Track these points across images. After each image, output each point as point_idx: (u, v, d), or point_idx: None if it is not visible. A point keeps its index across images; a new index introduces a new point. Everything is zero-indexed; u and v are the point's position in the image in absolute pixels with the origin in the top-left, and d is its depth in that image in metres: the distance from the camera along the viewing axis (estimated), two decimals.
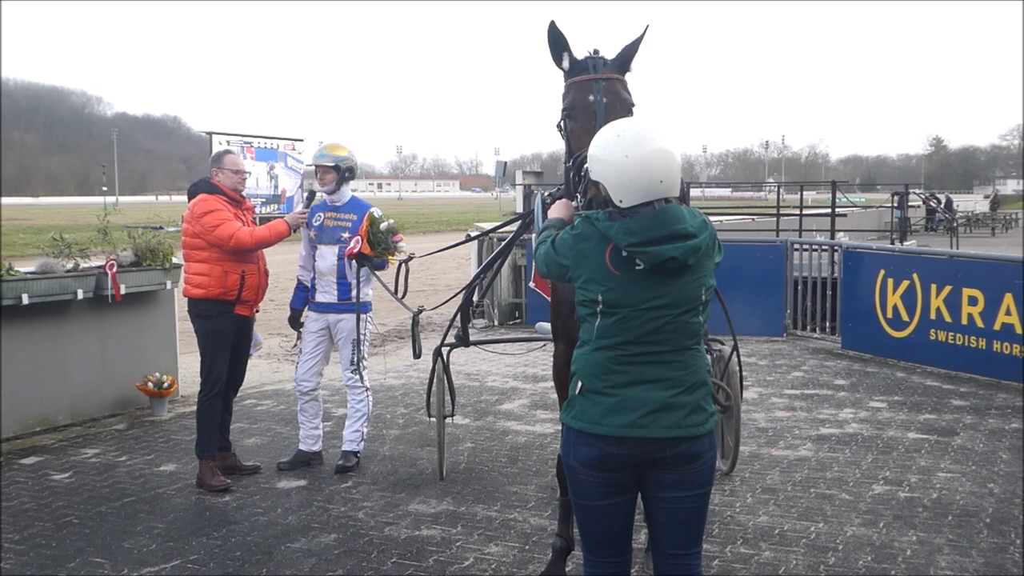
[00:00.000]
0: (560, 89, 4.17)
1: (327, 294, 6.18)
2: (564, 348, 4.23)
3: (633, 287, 2.99)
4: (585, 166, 3.43)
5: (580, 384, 3.09)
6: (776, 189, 21.62)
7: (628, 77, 4.11)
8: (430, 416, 6.49)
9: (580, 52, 4.09)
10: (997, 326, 8.70)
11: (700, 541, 3.19)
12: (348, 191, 6.26)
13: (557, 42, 4.07)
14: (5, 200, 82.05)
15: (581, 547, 3.27)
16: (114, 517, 5.41)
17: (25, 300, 6.76)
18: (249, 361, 6.47)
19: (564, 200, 3.64)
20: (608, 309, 3.01)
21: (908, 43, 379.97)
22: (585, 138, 3.50)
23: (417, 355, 6.29)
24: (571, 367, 3.18)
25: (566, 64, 4.08)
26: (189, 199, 6.02)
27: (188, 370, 8.34)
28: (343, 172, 6.15)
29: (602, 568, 3.18)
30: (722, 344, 5.92)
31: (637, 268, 2.98)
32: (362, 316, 6.13)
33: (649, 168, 2.97)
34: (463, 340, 6.29)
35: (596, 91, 3.93)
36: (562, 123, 4.10)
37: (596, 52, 4.08)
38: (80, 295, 7.12)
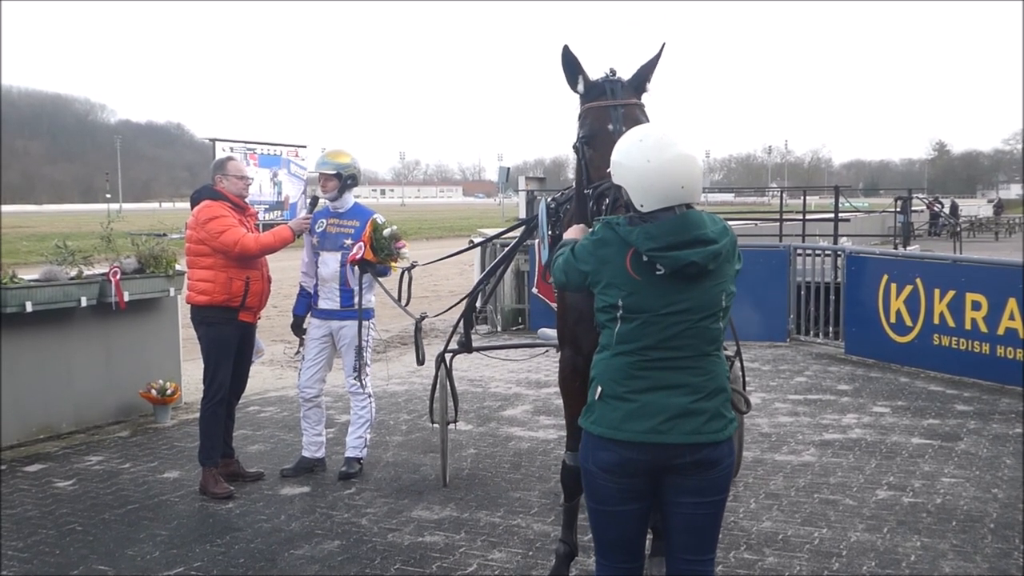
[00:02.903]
0: (567, 101, 4.14)
1: (330, 301, 6.18)
2: (571, 354, 4.22)
3: (653, 292, 2.99)
4: (607, 200, 3.43)
5: (600, 389, 3.08)
6: (779, 194, 21.64)
7: (645, 97, 4.06)
8: (433, 422, 6.49)
9: (595, 72, 4.02)
10: (1001, 331, 8.69)
11: (715, 547, 3.20)
12: (351, 198, 6.27)
13: (571, 66, 4.01)
14: (9, 208, 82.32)
15: (594, 551, 3.27)
16: (117, 524, 5.41)
17: (29, 308, 6.77)
18: (252, 368, 6.49)
19: (580, 225, 3.64)
20: (628, 314, 3.01)
21: (911, 47, 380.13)
22: (604, 168, 3.46)
23: (420, 362, 6.29)
24: (590, 372, 3.17)
25: (581, 88, 4.03)
26: (192, 206, 6.03)
27: (191, 377, 8.34)
28: (345, 179, 6.15)
29: (615, 572, 3.20)
30: (725, 349, 5.90)
31: (657, 273, 2.98)
32: (365, 323, 6.13)
33: (670, 173, 2.97)
34: (466, 346, 6.29)
35: (615, 119, 3.87)
36: (579, 148, 4.02)
37: (613, 72, 4.04)
38: (84, 302, 7.13)
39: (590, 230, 3.28)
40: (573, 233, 3.52)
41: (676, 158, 2.99)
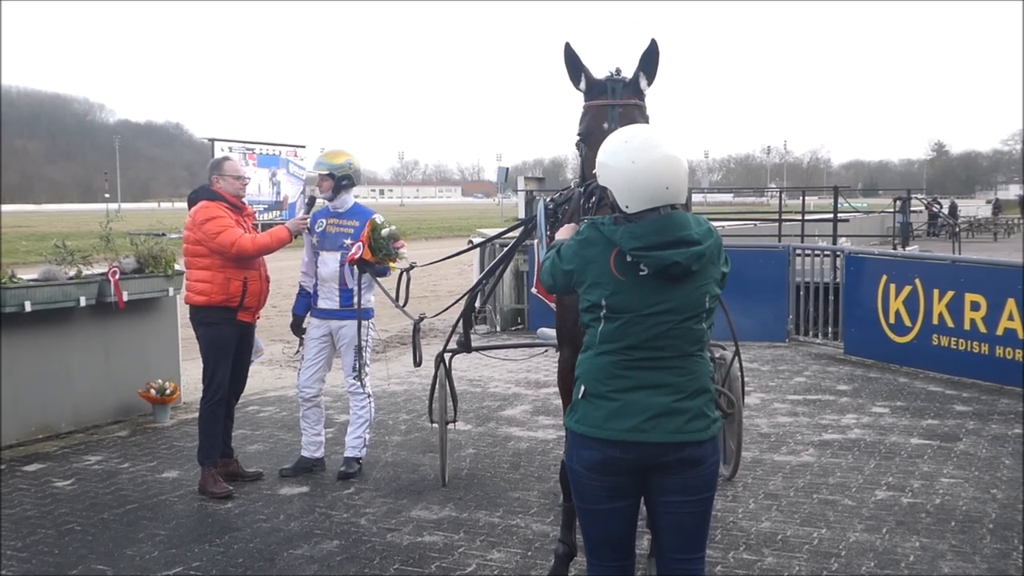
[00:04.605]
0: (567, 100, 4.16)
1: (329, 300, 6.18)
2: (569, 354, 4.22)
3: (637, 292, 3.01)
4: (593, 199, 3.44)
5: (583, 388, 3.11)
6: (778, 194, 21.64)
7: (650, 93, 4.07)
8: (432, 422, 6.49)
9: (599, 71, 4.05)
10: (999, 331, 8.69)
11: (704, 545, 3.21)
12: (351, 198, 6.27)
13: (573, 64, 4.05)
14: (8, 208, 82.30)
15: (584, 550, 3.28)
16: (116, 524, 5.41)
17: (28, 307, 6.77)
18: (251, 367, 6.48)
19: (572, 224, 3.66)
20: (612, 314, 3.03)
21: (910, 48, 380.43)
22: None
23: (417, 363, 6.30)
24: (575, 372, 3.19)
25: (583, 86, 4.06)
26: (190, 206, 6.03)
27: (190, 377, 8.34)
28: (339, 180, 6.15)
29: (605, 571, 3.21)
30: (724, 349, 5.92)
31: (641, 273, 3.00)
32: (364, 322, 6.13)
33: (656, 174, 2.99)
34: (465, 346, 6.29)
35: (611, 118, 3.90)
36: (578, 146, 4.08)
37: (618, 72, 4.05)
38: (83, 302, 7.12)
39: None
40: (564, 233, 3.53)
41: (661, 159, 3.00)
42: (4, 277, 6.80)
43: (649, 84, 4.06)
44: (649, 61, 4.02)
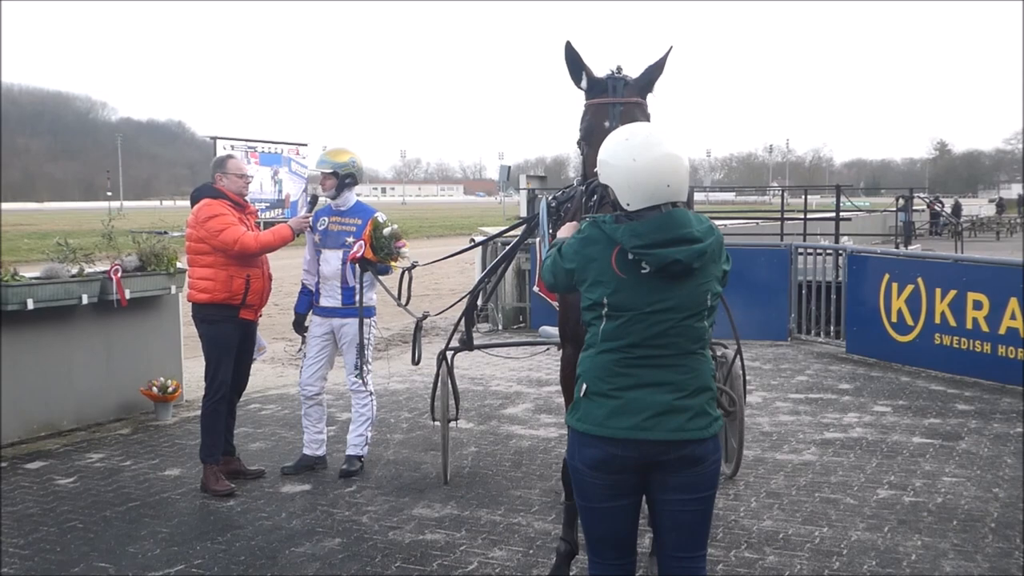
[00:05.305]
0: (569, 99, 4.17)
1: (331, 298, 6.19)
2: (572, 352, 4.23)
3: (638, 290, 3.01)
4: (595, 197, 3.44)
5: (585, 387, 3.11)
6: (780, 193, 21.62)
7: (650, 98, 4.08)
8: (434, 420, 6.49)
9: (600, 69, 4.06)
10: (1002, 330, 8.69)
11: (705, 544, 3.21)
12: (353, 196, 6.27)
13: (574, 63, 4.05)
14: (10, 206, 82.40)
15: (586, 549, 3.28)
16: (118, 522, 5.41)
17: (30, 305, 6.77)
18: (253, 365, 6.49)
19: (574, 223, 3.66)
20: (613, 312, 3.03)
21: (912, 47, 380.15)
22: None
23: (416, 362, 6.30)
24: (577, 370, 3.19)
25: (585, 84, 4.06)
26: (192, 204, 6.04)
27: (192, 374, 8.34)
28: (342, 178, 6.16)
29: (607, 569, 3.21)
30: (726, 348, 5.92)
31: (643, 271, 3.00)
32: (366, 320, 6.13)
33: (656, 172, 2.99)
34: (467, 344, 6.30)
35: (612, 117, 3.91)
36: (579, 144, 4.09)
37: (619, 70, 4.06)
38: (85, 300, 7.13)
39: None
40: (565, 232, 3.54)
41: (662, 157, 3.01)
42: (7, 275, 6.81)
43: (652, 87, 4.07)
44: (657, 67, 4.04)
